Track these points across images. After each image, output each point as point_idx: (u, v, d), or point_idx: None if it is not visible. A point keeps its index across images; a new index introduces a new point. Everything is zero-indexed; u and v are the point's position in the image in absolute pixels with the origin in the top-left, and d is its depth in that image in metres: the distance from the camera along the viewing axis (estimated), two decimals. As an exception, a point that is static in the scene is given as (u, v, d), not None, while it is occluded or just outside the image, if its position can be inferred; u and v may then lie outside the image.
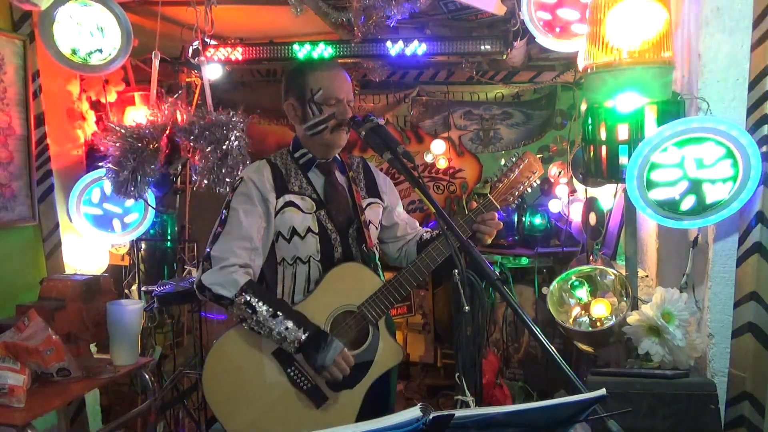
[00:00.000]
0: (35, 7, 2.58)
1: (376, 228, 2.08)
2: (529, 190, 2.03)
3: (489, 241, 1.97)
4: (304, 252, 1.93)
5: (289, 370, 1.86)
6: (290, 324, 1.79)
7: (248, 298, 1.80)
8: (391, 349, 1.95)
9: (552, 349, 1.22)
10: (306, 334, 1.78)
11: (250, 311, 1.80)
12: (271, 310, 1.80)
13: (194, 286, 1.91)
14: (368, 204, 2.06)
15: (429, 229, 2.20)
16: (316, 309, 1.87)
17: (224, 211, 1.94)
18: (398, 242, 2.18)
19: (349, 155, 2.17)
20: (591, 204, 2.93)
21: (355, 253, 1.98)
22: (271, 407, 1.85)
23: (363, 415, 1.89)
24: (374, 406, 1.92)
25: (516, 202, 2.03)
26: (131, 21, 2.82)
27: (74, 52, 2.77)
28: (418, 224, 2.24)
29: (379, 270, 2.02)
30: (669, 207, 1.89)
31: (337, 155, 2.08)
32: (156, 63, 2.98)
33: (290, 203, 1.94)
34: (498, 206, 1.97)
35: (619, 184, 2.37)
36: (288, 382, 1.86)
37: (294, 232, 1.93)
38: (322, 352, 1.78)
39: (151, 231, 3.55)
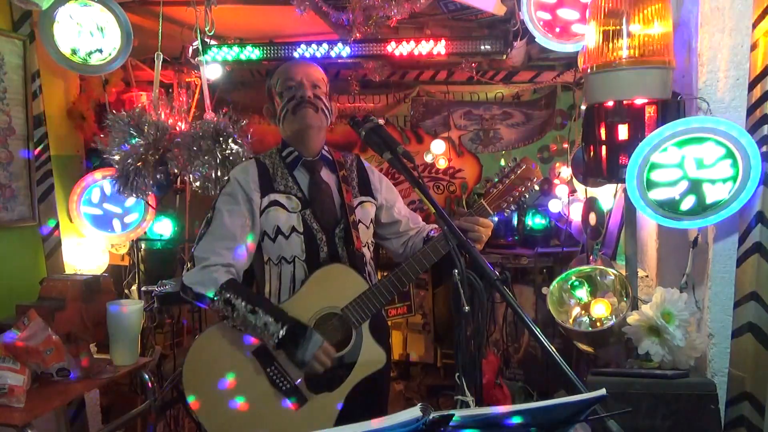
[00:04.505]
0: (35, 7, 2.58)
1: (367, 228, 2.06)
2: (527, 196, 1.99)
3: (480, 248, 1.88)
4: (289, 252, 1.92)
5: (268, 370, 1.85)
6: (269, 319, 1.78)
7: (228, 296, 1.80)
8: (374, 354, 1.91)
9: (552, 349, 1.21)
10: (284, 329, 1.77)
11: (230, 308, 1.80)
12: (250, 306, 1.79)
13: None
14: (360, 203, 2.04)
15: (436, 226, 2.16)
16: (300, 310, 1.86)
17: (210, 211, 1.95)
18: (401, 238, 2.17)
19: (344, 153, 2.15)
20: (591, 204, 2.93)
21: (341, 253, 1.96)
22: (250, 407, 1.84)
23: (346, 419, 1.86)
24: (362, 410, 1.87)
25: (511, 208, 1.99)
26: (131, 21, 2.82)
27: (74, 52, 2.77)
28: (421, 219, 2.22)
29: (367, 271, 1.99)
30: (669, 207, 1.88)
31: (326, 154, 2.07)
32: (158, 64, 2.98)
33: (275, 202, 1.94)
34: (491, 212, 1.94)
35: (619, 184, 2.37)
36: (267, 382, 1.84)
37: (278, 231, 1.92)
38: (302, 347, 1.76)
39: (153, 233, 3.56)
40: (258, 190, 1.94)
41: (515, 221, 4.14)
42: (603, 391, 0.98)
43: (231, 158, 2.69)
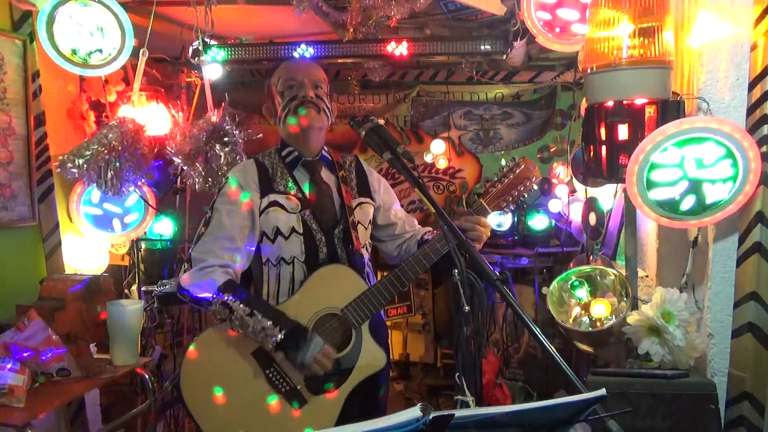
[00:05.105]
0: (32, 6, 2.58)
1: (365, 228, 2.05)
2: (526, 195, 2.00)
3: (479, 247, 1.89)
4: (288, 252, 1.91)
5: (267, 372, 1.84)
6: (267, 323, 1.76)
7: (225, 299, 1.78)
8: (373, 355, 1.91)
9: (552, 349, 1.21)
10: (283, 332, 1.75)
11: (228, 311, 1.77)
12: (248, 309, 1.77)
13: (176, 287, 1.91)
14: (358, 204, 2.04)
15: (431, 229, 2.18)
16: (299, 310, 1.85)
17: (208, 211, 1.94)
18: (396, 240, 2.17)
19: (342, 154, 2.15)
20: (591, 204, 2.93)
21: (340, 254, 1.95)
22: (249, 409, 1.83)
23: (345, 420, 1.85)
24: (362, 411, 1.89)
25: (509, 207, 2.00)
26: (131, 21, 2.82)
27: (74, 52, 2.77)
28: (416, 222, 2.22)
29: (365, 272, 1.99)
30: (669, 207, 1.89)
31: (326, 154, 2.06)
32: (142, 60, 2.97)
33: (275, 203, 1.93)
34: (489, 211, 1.95)
35: (619, 184, 2.37)
36: (266, 384, 1.83)
37: (278, 232, 1.91)
38: (302, 350, 1.75)
39: (154, 233, 3.55)
40: (258, 191, 1.94)
41: (515, 221, 4.13)
42: (603, 391, 0.98)
43: (229, 158, 2.69)
